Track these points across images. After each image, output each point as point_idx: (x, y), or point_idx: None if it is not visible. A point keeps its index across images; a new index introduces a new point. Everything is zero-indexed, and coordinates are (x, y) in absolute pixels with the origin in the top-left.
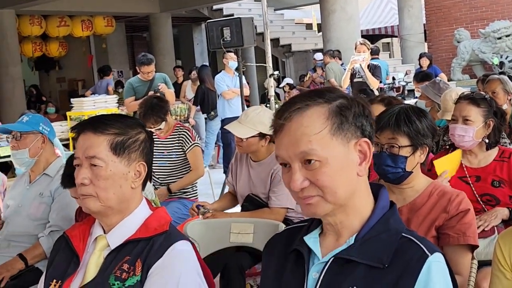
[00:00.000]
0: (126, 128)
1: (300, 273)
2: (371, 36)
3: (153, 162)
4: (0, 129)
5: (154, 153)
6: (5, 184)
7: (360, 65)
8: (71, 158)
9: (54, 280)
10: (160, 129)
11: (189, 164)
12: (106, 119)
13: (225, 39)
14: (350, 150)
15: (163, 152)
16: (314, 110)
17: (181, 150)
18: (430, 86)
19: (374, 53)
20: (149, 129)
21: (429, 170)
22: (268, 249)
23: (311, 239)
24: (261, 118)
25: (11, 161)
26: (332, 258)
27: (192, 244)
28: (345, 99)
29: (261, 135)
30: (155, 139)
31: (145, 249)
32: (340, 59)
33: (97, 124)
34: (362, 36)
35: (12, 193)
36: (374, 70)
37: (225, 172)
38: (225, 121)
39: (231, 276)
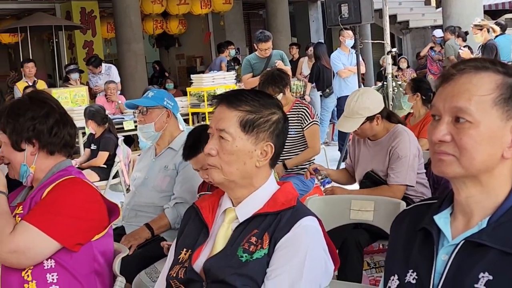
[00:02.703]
0: (260, 107)
1: (428, 253)
2: (494, 12)
3: None
4: (127, 104)
5: None
6: (130, 156)
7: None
8: (192, 131)
9: (185, 249)
10: None
11: (306, 140)
12: (243, 95)
13: (343, 16)
14: (505, 128)
15: None
16: (489, 74)
17: (299, 127)
18: None
19: (503, 28)
20: None
21: None
22: (396, 224)
23: (442, 219)
24: (361, 104)
25: (134, 135)
26: (463, 241)
27: (318, 220)
28: None
29: (369, 118)
30: None
31: (273, 223)
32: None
33: (233, 98)
34: (485, 12)
35: (139, 165)
36: (483, 52)
37: (339, 149)
38: (341, 99)
39: (349, 252)
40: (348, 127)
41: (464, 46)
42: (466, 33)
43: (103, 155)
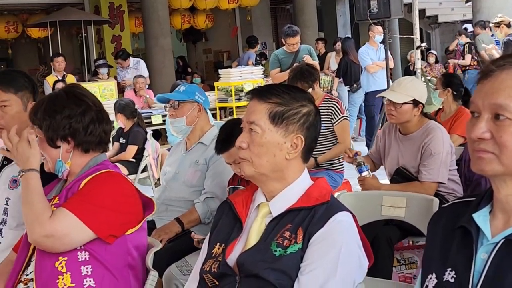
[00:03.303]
0: (290, 100)
1: (467, 252)
2: None
3: None
4: (158, 98)
5: None
6: (158, 150)
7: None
8: (225, 125)
9: (218, 244)
10: None
11: (335, 135)
12: (274, 88)
13: (372, 11)
14: None
15: None
16: None
17: (329, 122)
18: None
19: None
20: None
21: None
22: (434, 222)
23: (481, 217)
24: (415, 85)
25: (162, 129)
26: (503, 240)
27: (353, 215)
28: None
29: (415, 103)
30: None
31: (307, 218)
32: (491, 29)
33: (264, 92)
34: None
35: (170, 160)
36: (506, 48)
37: (367, 145)
38: (368, 95)
39: (380, 248)
40: (395, 97)
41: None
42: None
43: (132, 149)
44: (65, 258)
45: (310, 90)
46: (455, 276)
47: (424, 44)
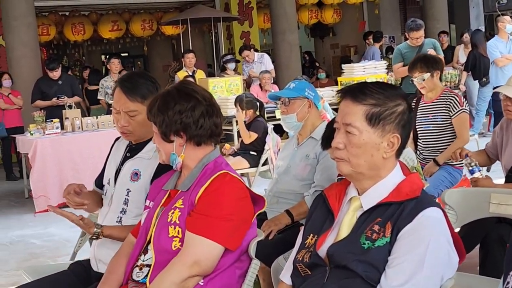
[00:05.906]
0: (385, 100)
1: None
2: None
3: (418, 125)
4: (270, 96)
5: (419, 117)
6: (279, 144)
7: None
8: (331, 123)
9: (311, 234)
10: (423, 80)
11: (454, 130)
12: (367, 88)
13: (501, 1)
14: None
15: (428, 116)
16: None
17: (447, 114)
18: None
19: None
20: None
21: None
22: None
23: None
24: None
25: None
26: None
27: (443, 212)
28: None
29: None
30: (420, 104)
31: (396, 212)
32: None
33: (357, 92)
34: None
35: (282, 154)
36: None
37: None
38: None
39: (490, 248)
40: (510, 91)
41: None
42: None
43: (252, 135)
44: (179, 243)
45: (428, 74)
46: None
47: None
